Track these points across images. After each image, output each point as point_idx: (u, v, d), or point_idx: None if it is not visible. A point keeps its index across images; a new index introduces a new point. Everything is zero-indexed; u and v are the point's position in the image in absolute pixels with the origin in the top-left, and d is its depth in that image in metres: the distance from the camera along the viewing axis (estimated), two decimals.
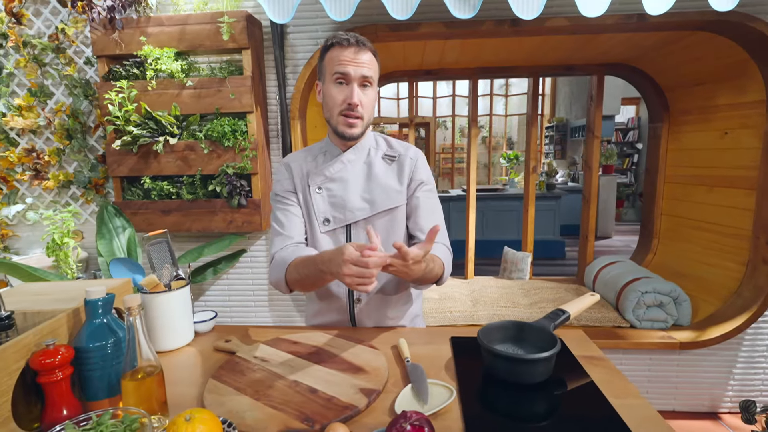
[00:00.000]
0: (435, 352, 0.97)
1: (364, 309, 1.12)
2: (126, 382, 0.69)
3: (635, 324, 2.17)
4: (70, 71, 2.05)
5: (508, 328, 0.93)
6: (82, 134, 2.12)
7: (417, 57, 2.41)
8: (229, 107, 1.88)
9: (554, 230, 5.31)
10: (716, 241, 2.29)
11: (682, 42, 2.12)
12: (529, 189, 2.84)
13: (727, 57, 2.05)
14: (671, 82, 2.50)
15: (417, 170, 1.12)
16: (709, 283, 2.27)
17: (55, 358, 0.63)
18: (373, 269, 0.79)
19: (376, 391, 0.79)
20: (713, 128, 2.29)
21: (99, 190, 2.17)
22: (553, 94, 8.67)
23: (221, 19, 1.79)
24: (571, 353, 0.94)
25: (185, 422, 0.59)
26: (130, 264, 0.99)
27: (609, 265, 2.56)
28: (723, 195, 2.25)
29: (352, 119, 1.02)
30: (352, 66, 0.99)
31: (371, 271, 0.79)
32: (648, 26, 1.87)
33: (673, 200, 2.61)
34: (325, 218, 1.09)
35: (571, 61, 2.59)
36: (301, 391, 0.79)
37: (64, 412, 0.65)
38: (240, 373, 0.87)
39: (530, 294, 2.50)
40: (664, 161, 2.64)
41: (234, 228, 1.98)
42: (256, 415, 0.72)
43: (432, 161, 9.42)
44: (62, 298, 0.80)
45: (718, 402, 2.13)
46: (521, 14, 1.61)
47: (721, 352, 2.07)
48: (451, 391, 0.79)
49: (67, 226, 1.91)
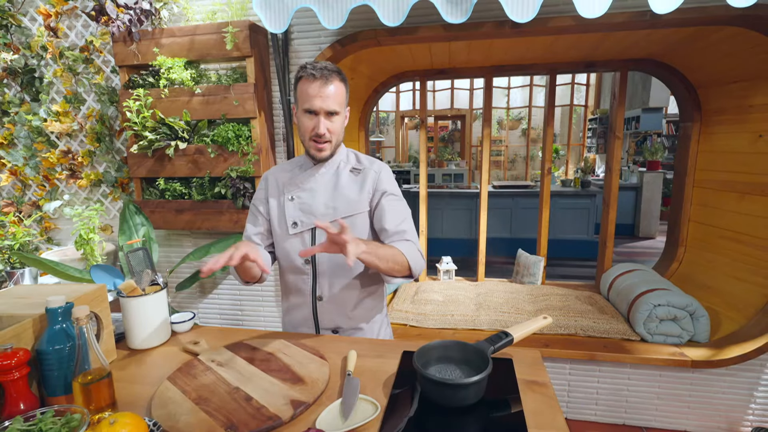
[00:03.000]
0: (382, 365, 1.00)
1: (325, 306, 1.21)
2: (76, 383, 0.78)
3: (646, 338, 2.07)
4: (99, 80, 2.23)
5: (450, 347, 0.93)
6: (109, 137, 2.30)
7: (425, 57, 2.39)
8: (234, 113, 1.97)
9: (588, 230, 5.07)
10: (747, 253, 2.11)
11: (711, 37, 1.95)
12: (544, 191, 2.74)
13: (762, 53, 1.87)
14: (703, 79, 2.31)
15: (380, 182, 1.20)
16: (735, 298, 2.11)
17: (12, 360, 0.73)
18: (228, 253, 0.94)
19: (305, 403, 0.83)
20: (748, 130, 2.10)
21: (125, 189, 2.37)
22: (598, 84, 8.20)
23: (226, 29, 1.87)
24: (515, 375, 0.94)
25: (109, 425, 0.67)
26: (110, 270, 1.09)
27: (626, 273, 2.43)
28: (756, 203, 2.07)
29: (320, 144, 1.15)
30: (318, 100, 1.09)
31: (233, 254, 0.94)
32: (665, 23, 1.74)
33: (703, 206, 2.42)
34: (293, 222, 1.20)
35: (592, 57, 2.46)
36: (237, 399, 0.85)
37: (22, 407, 0.75)
38: (192, 376, 0.94)
39: (538, 300, 2.43)
40: (693, 164, 2.46)
41: (240, 228, 2.08)
42: (189, 420, 0.79)
43: (467, 154, 9.25)
44: (39, 302, 0.90)
45: (736, 425, 1.98)
46: (515, 17, 1.56)
47: (741, 373, 1.93)
48: (377, 407, 0.82)
49: (93, 223, 2.10)
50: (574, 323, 2.16)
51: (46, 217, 2.50)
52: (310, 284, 1.21)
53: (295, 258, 1.21)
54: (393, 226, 1.16)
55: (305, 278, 1.21)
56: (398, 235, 1.16)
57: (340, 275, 1.20)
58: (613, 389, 2.04)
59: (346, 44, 1.94)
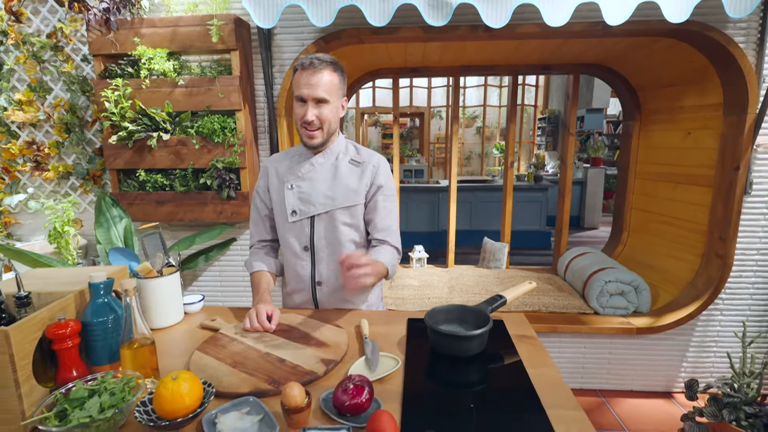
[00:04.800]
0: (392, 331, 1.12)
1: (324, 291, 1.29)
2: (124, 350, 0.84)
3: (599, 311, 2.34)
4: (68, 68, 2.16)
5: (452, 310, 1.08)
6: (80, 128, 2.23)
7: (400, 56, 2.52)
8: (219, 105, 2.00)
9: (540, 221, 5.46)
10: (678, 235, 2.44)
11: (650, 47, 2.24)
12: (508, 182, 2.97)
13: (690, 62, 2.17)
14: (643, 83, 2.63)
15: (378, 176, 1.27)
16: (670, 274, 2.44)
17: (66, 329, 0.77)
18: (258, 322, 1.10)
19: (334, 361, 0.94)
20: (679, 128, 2.43)
21: (97, 181, 2.30)
22: (546, 85, 8.75)
23: (210, 22, 1.90)
24: (508, 333, 1.10)
25: (172, 380, 0.74)
26: (126, 253, 1.13)
27: (579, 256, 2.72)
28: (687, 192, 2.39)
29: (310, 132, 1.20)
30: (306, 89, 1.15)
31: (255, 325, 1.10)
32: (614, 33, 1.99)
33: (643, 195, 2.75)
34: (293, 210, 1.26)
35: (549, 61, 2.71)
36: (271, 361, 0.94)
37: (74, 373, 0.80)
38: (222, 346, 1.02)
39: (504, 282, 2.66)
40: (635, 158, 2.78)
41: (224, 218, 2.12)
42: (231, 380, 0.87)
43: (426, 151, 9.52)
44: (67, 281, 0.94)
45: (672, 382, 2.31)
46: (490, 22, 1.73)
47: (676, 337, 2.25)
48: (397, 361, 0.95)
49: (68, 215, 2.04)
50: (537, 301, 2.40)
51: (5, 211, 2.37)
52: (309, 270, 1.28)
53: (294, 245, 1.28)
54: (382, 223, 1.26)
55: (304, 264, 1.29)
56: (384, 232, 1.26)
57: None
58: (572, 357, 2.29)
59: (330, 41, 2.03)
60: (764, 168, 2.07)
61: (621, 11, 1.67)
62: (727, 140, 2.07)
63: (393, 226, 1.28)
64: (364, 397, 0.75)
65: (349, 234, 1.26)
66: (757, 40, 1.96)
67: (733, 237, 2.07)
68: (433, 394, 0.86)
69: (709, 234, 2.19)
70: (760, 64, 1.96)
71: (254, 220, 1.38)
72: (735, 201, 2.03)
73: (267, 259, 1.33)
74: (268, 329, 1.08)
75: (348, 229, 1.26)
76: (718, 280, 2.12)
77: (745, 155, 1.99)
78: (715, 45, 1.95)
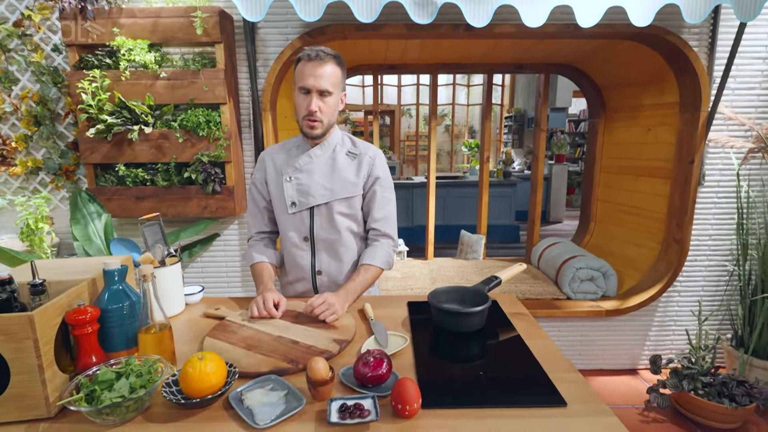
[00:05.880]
0: (393, 313, 1.18)
1: (324, 280, 1.33)
2: (142, 336, 0.85)
3: (571, 296, 2.49)
4: (37, 58, 2.06)
5: (452, 292, 1.14)
6: (50, 121, 2.14)
7: (381, 53, 2.57)
8: (203, 98, 1.98)
9: (510, 216, 5.67)
10: (640, 223, 2.64)
11: (614, 48, 2.41)
12: (484, 177, 3.09)
13: (650, 64, 2.35)
14: (607, 83, 2.81)
15: (375, 168, 1.32)
16: (633, 260, 2.63)
17: (86, 315, 0.78)
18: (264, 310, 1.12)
19: (345, 340, 0.99)
20: (639, 125, 2.62)
21: (69, 177, 2.21)
22: (512, 85, 9.05)
23: (195, 14, 1.87)
24: (503, 311, 1.18)
25: (199, 360, 0.76)
26: (128, 243, 1.12)
27: (551, 246, 2.87)
28: (646, 183, 2.59)
29: (312, 122, 1.22)
30: (311, 79, 1.17)
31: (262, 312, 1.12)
32: (584, 34, 2.13)
33: (607, 188, 2.94)
34: (292, 202, 1.29)
35: (522, 60, 2.84)
36: (284, 343, 0.97)
37: (93, 359, 0.80)
38: (232, 332, 1.04)
39: (483, 272, 2.77)
40: (600, 153, 2.97)
41: (208, 213, 2.09)
42: (249, 361, 0.90)
43: (396, 148, 9.63)
44: (76, 270, 0.93)
45: (636, 360, 2.50)
46: (473, 22, 1.81)
47: (639, 318, 2.43)
48: (405, 339, 1.00)
49: (41, 212, 1.96)
50: (514, 288, 2.52)
51: None
52: (309, 260, 1.32)
53: (294, 236, 1.31)
54: (380, 213, 1.32)
55: (304, 254, 1.32)
56: (382, 222, 1.32)
57: (336, 251, 1.31)
58: None
59: (316, 36, 2.05)
60: (715, 161, 2.28)
61: (592, 14, 1.80)
62: (683, 136, 2.26)
63: (391, 215, 1.33)
64: (384, 369, 0.80)
65: (346, 223, 1.30)
66: (708, 44, 2.16)
67: (689, 224, 2.26)
68: (443, 366, 0.92)
69: (668, 222, 2.38)
70: (711, 66, 2.15)
71: (252, 212, 1.39)
72: (691, 191, 2.23)
73: (267, 251, 1.35)
74: (274, 316, 1.11)
75: (345, 219, 1.30)
76: (676, 263, 2.31)
77: (699, 149, 2.18)
78: (673, 48, 2.13)
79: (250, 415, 0.73)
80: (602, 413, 0.74)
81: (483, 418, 0.73)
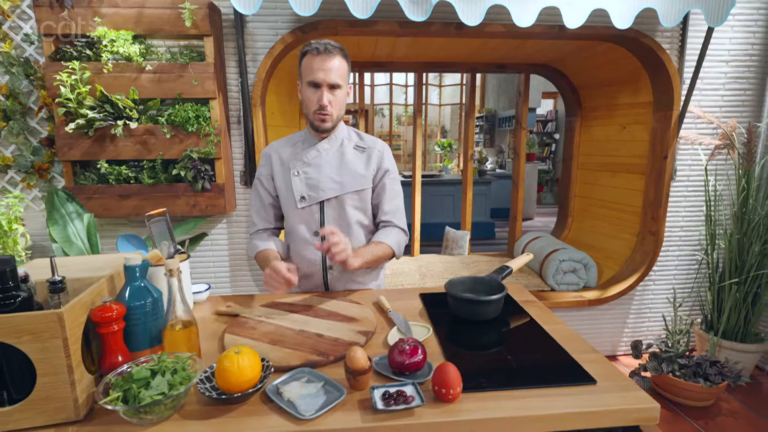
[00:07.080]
0: (408, 305, 1.19)
1: (335, 274, 1.32)
2: (168, 333, 0.82)
3: (555, 287, 2.59)
4: (6, 48, 1.93)
5: (466, 282, 1.17)
6: (21, 115, 2.00)
7: (369, 50, 2.58)
8: (191, 93, 1.92)
9: (485, 213, 5.81)
10: (617, 217, 2.77)
11: (593, 50, 2.52)
12: (468, 175, 3.16)
13: (626, 65, 2.48)
14: (584, 83, 2.93)
15: (383, 160, 1.33)
16: (611, 251, 2.76)
17: (113, 312, 0.74)
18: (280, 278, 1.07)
19: (369, 332, 0.99)
20: (615, 123, 2.75)
21: (43, 175, 2.08)
22: (483, 86, 9.25)
23: (183, 6, 1.81)
24: (514, 300, 1.21)
25: (235, 354, 0.75)
26: (134, 239, 1.07)
27: (534, 240, 2.97)
28: (622, 179, 2.72)
29: (323, 116, 1.22)
30: (321, 73, 1.17)
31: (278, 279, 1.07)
32: (567, 35, 2.21)
33: (585, 184, 3.08)
34: (301, 196, 1.28)
35: (504, 60, 2.92)
36: (309, 336, 0.96)
37: (119, 358, 0.77)
38: (251, 328, 1.01)
39: (470, 267, 2.83)
40: (577, 150, 3.10)
41: (198, 211, 2.03)
42: (278, 355, 0.88)
43: None
44: (88, 268, 0.89)
45: (617, 346, 2.63)
46: (466, 20, 1.85)
47: (619, 306, 2.56)
48: (428, 329, 1.02)
49: (15, 212, 1.84)
50: None
51: None
52: (320, 254, 1.30)
53: (304, 230, 1.30)
54: (390, 205, 1.33)
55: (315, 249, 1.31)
56: (392, 214, 1.33)
57: None
58: None
59: (308, 31, 2.03)
60: (686, 157, 2.43)
61: (579, 16, 1.88)
62: (657, 133, 2.40)
63: (400, 207, 1.34)
64: (420, 356, 0.81)
65: (357, 216, 1.31)
66: (678, 47, 2.30)
67: (663, 216, 2.40)
68: (470, 352, 0.94)
69: (643, 215, 2.52)
70: (682, 68, 2.30)
71: (256, 208, 1.36)
72: (664, 185, 2.36)
73: (271, 241, 1.32)
74: (292, 280, 1.07)
75: (356, 212, 1.30)
76: (651, 254, 2.45)
77: (671, 146, 2.32)
78: (647, 50, 2.25)
79: (292, 407, 0.72)
80: (631, 388, 0.78)
81: (520, 398, 0.76)
